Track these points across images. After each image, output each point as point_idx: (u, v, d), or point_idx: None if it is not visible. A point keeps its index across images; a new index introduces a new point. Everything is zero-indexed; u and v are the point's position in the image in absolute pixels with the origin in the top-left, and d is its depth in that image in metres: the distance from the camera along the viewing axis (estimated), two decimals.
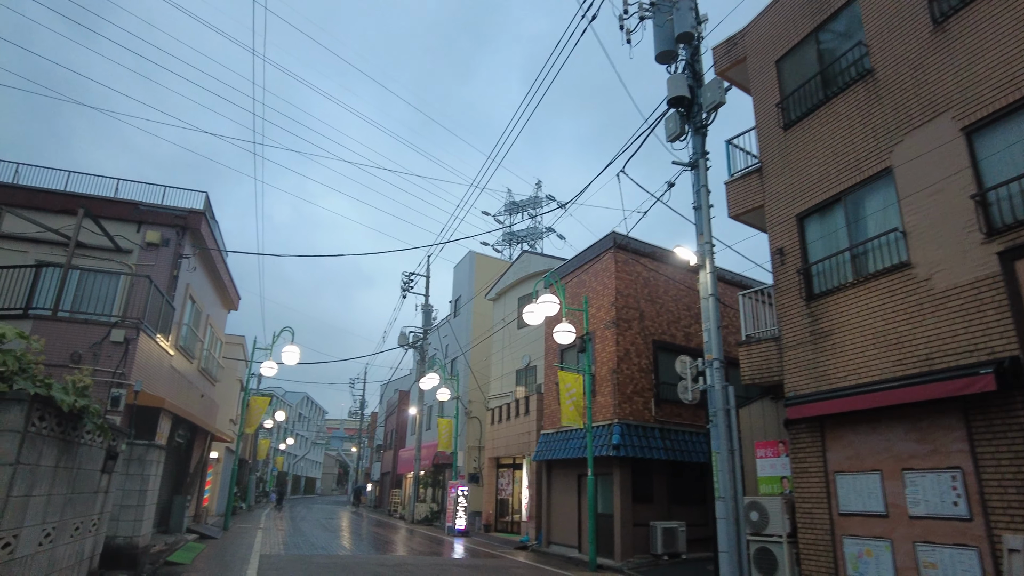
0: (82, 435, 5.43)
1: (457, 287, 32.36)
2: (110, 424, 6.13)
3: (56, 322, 11.05)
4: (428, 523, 27.22)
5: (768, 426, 10.69)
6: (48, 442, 4.67)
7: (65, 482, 5.17)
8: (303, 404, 77.14)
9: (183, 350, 15.05)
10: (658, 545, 14.23)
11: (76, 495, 5.50)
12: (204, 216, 14.67)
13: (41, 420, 4.49)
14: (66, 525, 5.35)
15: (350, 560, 12.72)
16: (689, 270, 17.46)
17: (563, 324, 13.86)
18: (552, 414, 17.67)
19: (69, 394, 4.66)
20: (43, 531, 4.84)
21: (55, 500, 5.00)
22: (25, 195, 13.89)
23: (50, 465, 4.77)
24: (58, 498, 5.05)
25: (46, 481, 4.74)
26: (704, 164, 10.55)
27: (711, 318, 9.66)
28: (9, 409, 4.17)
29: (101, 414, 5.49)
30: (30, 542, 4.60)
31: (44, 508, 4.77)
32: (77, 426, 5.18)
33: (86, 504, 5.83)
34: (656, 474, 15.30)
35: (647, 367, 15.66)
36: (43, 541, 4.86)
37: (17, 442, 4.17)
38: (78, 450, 5.38)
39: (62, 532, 5.27)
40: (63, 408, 4.56)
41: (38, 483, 4.58)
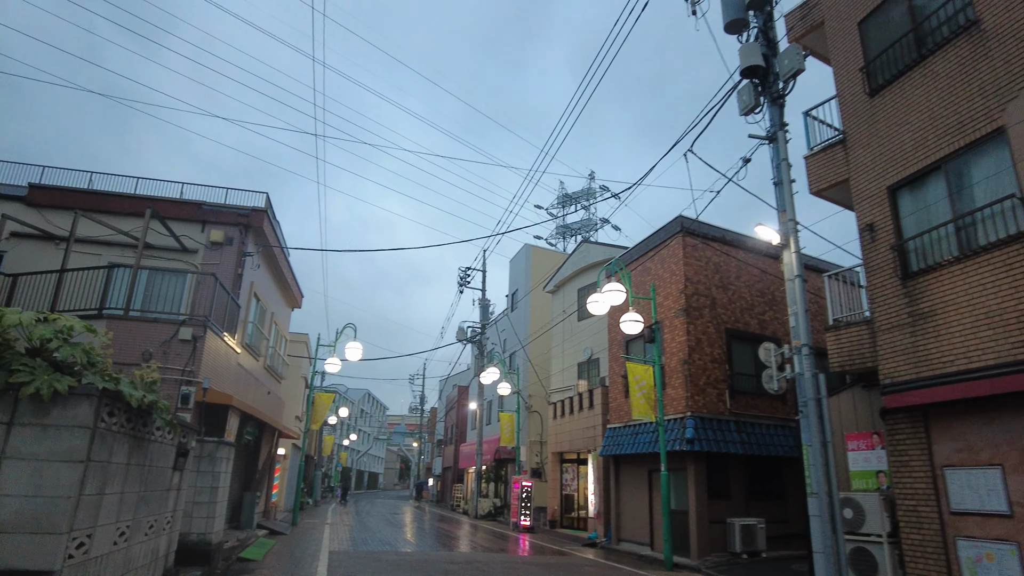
0: (152, 432, 5.28)
1: (513, 281, 32.06)
2: (179, 421, 6.00)
3: (127, 321, 11.21)
4: (491, 518, 27.04)
5: (860, 416, 9.94)
6: (119, 439, 4.51)
7: (137, 480, 5.03)
8: (365, 400, 78.51)
9: (249, 348, 15.19)
10: (736, 543, 13.57)
11: (149, 493, 5.37)
12: (266, 214, 14.74)
13: (111, 416, 4.33)
14: (140, 524, 5.22)
15: (419, 557, 12.55)
16: (762, 254, 16.63)
17: (630, 313, 13.32)
18: (618, 408, 17.14)
19: (137, 389, 4.48)
20: (117, 530, 4.70)
21: (128, 498, 4.85)
22: (97, 200, 14.25)
23: (121, 462, 4.61)
24: (131, 496, 4.91)
25: (118, 479, 4.58)
26: (783, 136, 9.88)
27: (798, 301, 9.00)
28: (78, 404, 4.00)
29: (170, 410, 5.33)
30: (104, 541, 4.45)
31: (117, 506, 4.63)
32: (147, 422, 5.03)
33: (159, 502, 5.71)
34: (732, 469, 14.62)
35: (720, 357, 14.96)
36: (118, 540, 4.72)
37: (87, 438, 4.01)
38: (149, 447, 5.24)
39: (136, 531, 5.14)
40: (132, 403, 4.39)
41: (110, 481, 4.42)
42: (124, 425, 4.60)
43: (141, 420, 4.92)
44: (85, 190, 14.47)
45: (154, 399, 4.75)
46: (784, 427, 15.39)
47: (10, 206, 13.74)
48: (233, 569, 9.63)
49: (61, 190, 14.34)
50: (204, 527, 8.80)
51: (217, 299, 12.24)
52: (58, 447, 3.89)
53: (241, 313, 14.25)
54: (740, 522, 13.70)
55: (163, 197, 14.41)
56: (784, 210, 9.58)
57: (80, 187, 14.60)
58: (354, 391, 70.72)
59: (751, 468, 14.92)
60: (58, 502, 3.81)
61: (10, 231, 13.76)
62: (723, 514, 14.03)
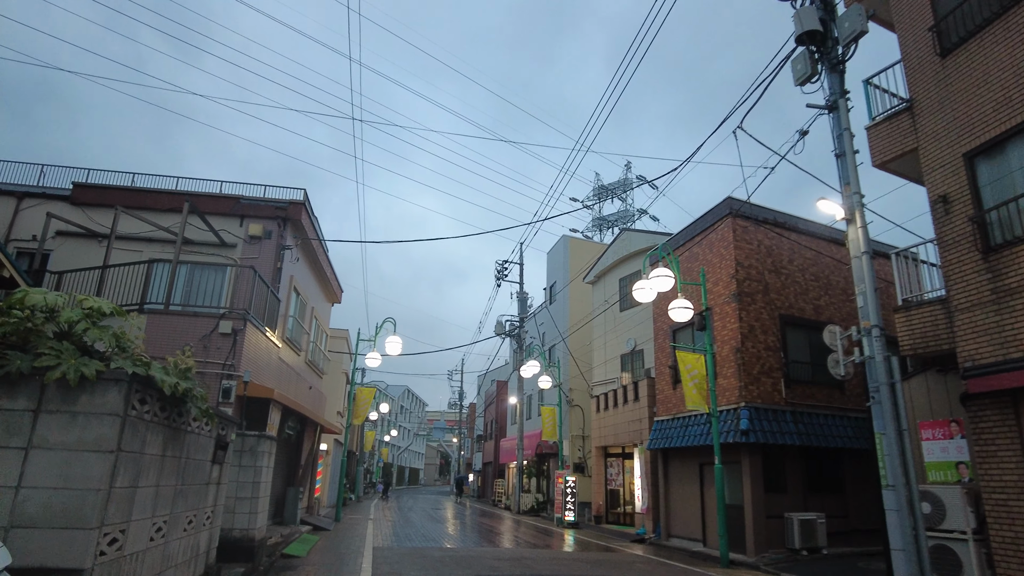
0: (188, 422, 5.02)
1: (551, 273, 31.59)
2: (217, 412, 5.74)
3: (168, 315, 11.14)
4: (534, 514, 26.68)
5: (935, 403, 9.24)
6: (152, 428, 4.23)
7: (173, 473, 4.76)
8: (404, 397, 78.99)
9: (290, 342, 15.08)
10: (795, 539, 12.92)
11: (187, 487, 5.11)
12: (304, 207, 14.59)
13: (142, 403, 4.05)
14: (178, 519, 4.96)
15: (464, 553, 12.23)
16: (816, 236, 15.86)
17: (679, 300, 12.76)
18: (666, 400, 16.57)
19: (170, 375, 4.19)
20: (153, 525, 4.43)
21: (164, 492, 4.59)
22: (137, 197, 14.27)
23: (156, 454, 4.34)
24: (167, 490, 4.65)
25: (152, 471, 4.31)
26: (845, 105, 9.24)
27: (866, 279, 8.37)
28: (107, 390, 3.73)
29: (206, 399, 5.05)
30: (140, 537, 4.18)
31: (152, 500, 4.36)
32: (182, 412, 4.76)
33: (198, 496, 5.46)
34: (788, 461, 13.94)
35: (774, 345, 14.28)
36: (154, 536, 4.46)
37: (117, 427, 3.73)
38: (185, 439, 4.98)
39: (174, 526, 4.88)
40: (165, 390, 4.10)
41: (144, 473, 4.15)
42: (157, 414, 4.32)
43: (176, 409, 4.65)
44: (126, 187, 14.53)
45: (189, 387, 4.46)
46: (843, 417, 14.64)
47: (55, 205, 13.86)
48: (277, 566, 9.44)
49: (103, 188, 14.41)
50: (246, 523, 8.60)
51: (257, 292, 12.11)
52: (87, 436, 3.62)
53: (281, 307, 14.12)
54: (798, 517, 13.05)
55: (201, 192, 14.37)
56: (848, 183, 8.96)
57: (122, 185, 14.67)
58: (394, 388, 71.16)
59: (808, 460, 14.21)
60: (87, 495, 3.54)
61: (56, 230, 13.88)
62: (780, 509, 13.38)
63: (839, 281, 15.99)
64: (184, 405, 4.63)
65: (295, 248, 14.99)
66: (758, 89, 10.10)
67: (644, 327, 20.10)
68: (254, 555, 8.59)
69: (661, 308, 17.15)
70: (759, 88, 10.13)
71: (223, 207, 14.13)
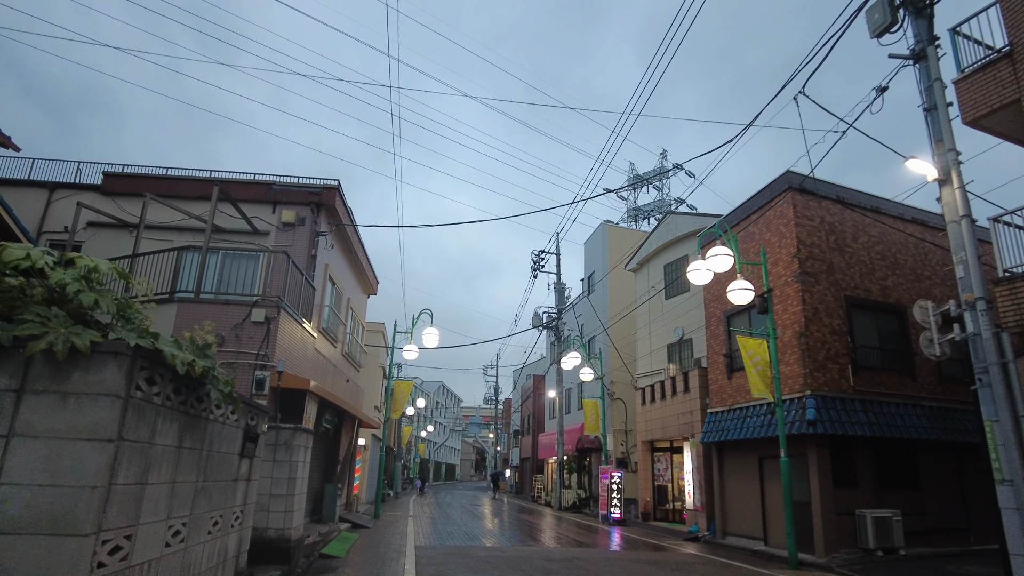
0: (210, 410, 4.36)
1: (589, 263, 30.69)
2: (245, 399, 5.08)
3: (198, 304, 10.63)
4: (576, 510, 25.89)
5: None
6: (164, 414, 3.57)
7: (193, 468, 4.11)
8: (440, 393, 78.83)
9: (326, 333, 14.53)
10: (868, 538, 11.90)
11: (210, 483, 4.46)
12: (337, 192, 14.01)
13: (150, 384, 3.38)
14: (201, 520, 4.31)
15: (512, 553, 11.50)
16: (882, 212, 14.72)
17: (738, 281, 11.81)
18: (720, 390, 15.61)
19: (183, 350, 3.52)
20: (169, 528, 3.78)
21: (182, 490, 3.93)
22: (168, 185, 13.88)
23: (170, 445, 3.68)
24: (186, 487, 3.99)
25: (166, 465, 3.65)
26: (935, 53, 8.23)
27: (967, 246, 7.38)
28: (105, 366, 3.06)
29: (232, 384, 4.38)
30: (152, 543, 3.52)
31: (167, 499, 3.70)
32: (201, 396, 4.09)
33: (224, 494, 4.81)
34: (858, 454, 12.90)
35: (840, 328, 13.23)
36: (171, 541, 3.80)
37: (118, 410, 3.06)
38: (207, 428, 4.32)
39: (196, 528, 4.22)
40: (178, 369, 3.43)
41: (155, 467, 3.48)
42: (171, 397, 3.65)
43: (194, 393, 3.98)
44: (156, 176, 14.15)
45: (208, 366, 3.78)
46: (915, 406, 13.51)
47: (86, 196, 13.53)
48: (315, 567, 8.83)
49: (134, 177, 14.06)
50: (282, 522, 8.00)
51: (291, 280, 11.54)
52: (80, 421, 2.95)
53: (316, 297, 13.57)
54: (872, 514, 12.02)
55: (233, 179, 13.89)
56: (941, 139, 7.97)
57: (152, 173, 14.29)
58: (429, 384, 70.99)
59: (879, 453, 13.14)
60: (80, 493, 2.87)
61: (87, 221, 13.55)
62: (850, 505, 12.36)
63: (907, 260, 14.83)
64: (203, 388, 3.96)
65: (329, 235, 14.42)
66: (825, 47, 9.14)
67: (693, 315, 19.12)
68: (290, 556, 7.99)
69: (714, 293, 16.18)
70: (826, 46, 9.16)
71: (255, 194, 13.64)
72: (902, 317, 14.29)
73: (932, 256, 15.25)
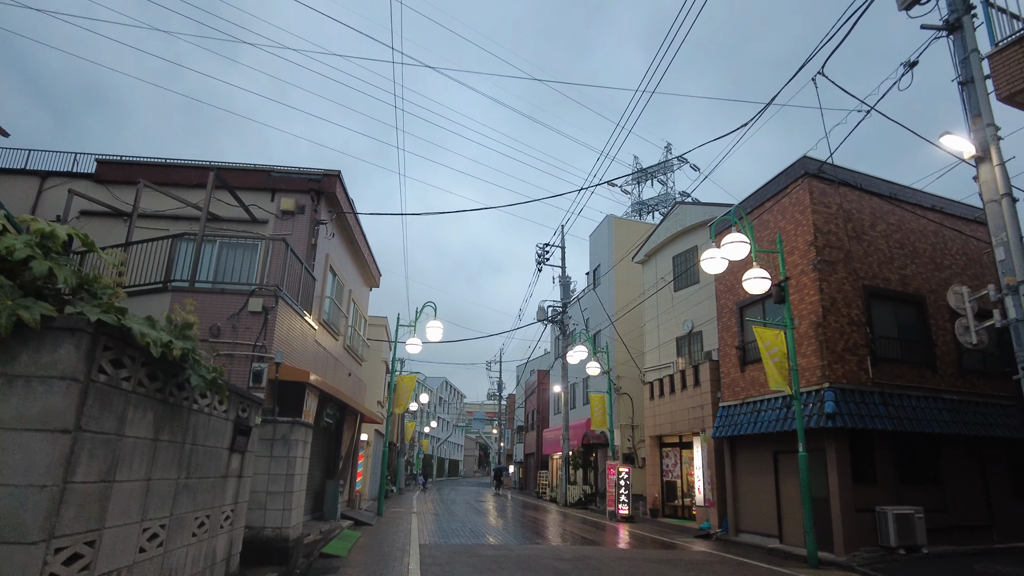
0: (194, 399, 3.93)
1: (595, 256, 30.21)
2: (234, 387, 4.65)
3: (193, 294, 10.19)
4: (582, 506, 25.49)
5: None
6: (136, 402, 3.13)
7: (174, 463, 3.67)
8: (442, 388, 78.52)
9: (327, 325, 14.11)
10: (890, 536, 11.46)
11: (195, 480, 4.03)
12: (338, 179, 13.56)
13: (118, 367, 2.95)
14: (183, 521, 3.88)
15: (520, 552, 11.08)
16: (899, 200, 14.24)
17: (755, 270, 11.35)
18: (733, 383, 15.16)
19: (157, 328, 3.08)
20: (145, 531, 3.34)
21: (160, 488, 3.50)
22: (163, 172, 13.44)
23: (144, 437, 3.25)
24: (164, 485, 3.56)
25: (140, 460, 3.22)
26: (971, 23, 7.75)
27: (1007, 226, 6.91)
28: (59, 345, 2.62)
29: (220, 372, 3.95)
30: (122, 549, 3.09)
31: (140, 499, 3.26)
32: (183, 383, 3.65)
33: (211, 492, 4.38)
34: (877, 448, 12.46)
35: (858, 319, 12.77)
36: (146, 546, 3.37)
37: (75, 397, 2.62)
38: (190, 419, 3.89)
39: (178, 531, 3.79)
40: (152, 351, 3.00)
41: (125, 462, 3.05)
42: (144, 383, 3.22)
43: (174, 379, 3.55)
44: (151, 163, 13.71)
45: (187, 348, 3.35)
46: (936, 399, 13.06)
47: (79, 184, 13.10)
48: (315, 568, 8.41)
49: (128, 165, 13.60)
50: (279, 520, 7.58)
51: (290, 269, 11.11)
52: (28, 409, 2.52)
53: (317, 287, 13.14)
54: (893, 511, 11.59)
55: (230, 166, 13.44)
56: (978, 114, 7.48)
57: (147, 160, 13.85)
58: (432, 379, 70.64)
59: (900, 448, 12.69)
60: (28, 494, 2.43)
61: (80, 210, 13.12)
62: (869, 501, 11.93)
63: (925, 248, 14.35)
64: (183, 373, 3.53)
65: (330, 223, 13.97)
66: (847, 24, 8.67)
67: (703, 307, 18.66)
68: (289, 557, 7.58)
69: (726, 283, 15.72)
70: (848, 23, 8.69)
71: (253, 181, 13.20)
72: (921, 307, 13.83)
73: (952, 245, 14.77)
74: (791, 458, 13.13)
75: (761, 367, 13.99)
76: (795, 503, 12.92)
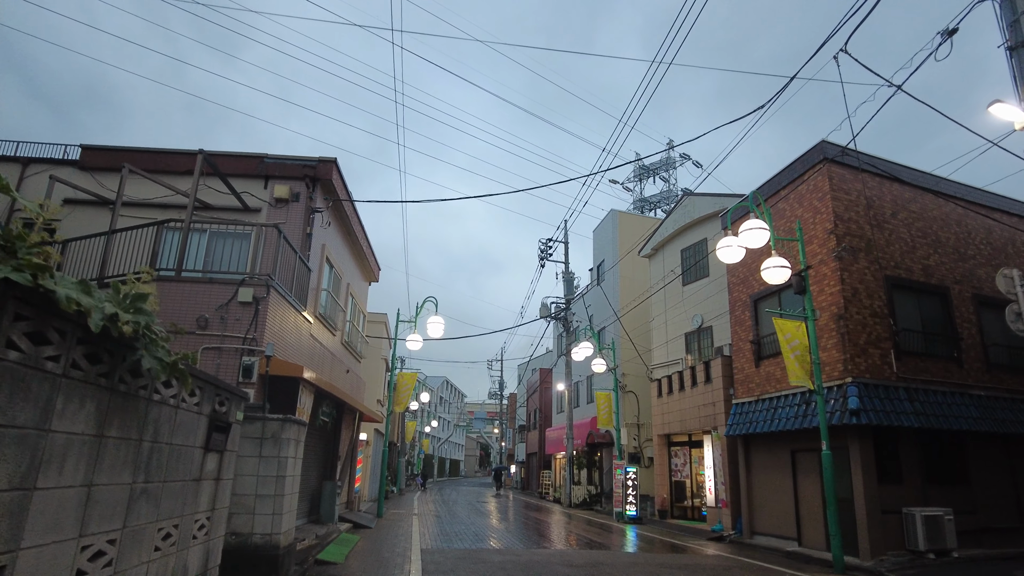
0: (155, 387, 3.31)
1: (599, 251, 29.61)
2: (206, 374, 4.03)
3: (180, 283, 9.59)
4: (587, 507, 24.89)
5: None
6: (69, 389, 2.51)
7: (127, 464, 3.05)
8: (443, 388, 77.90)
9: (324, 319, 13.48)
10: (918, 539, 10.85)
11: (157, 485, 3.40)
12: (334, 165, 12.93)
13: (39, 342, 2.33)
14: (141, 534, 3.26)
15: (528, 558, 10.45)
16: (921, 187, 13.62)
17: (774, 258, 10.73)
18: (747, 379, 14.54)
19: (95, 296, 2.46)
20: (84, 549, 2.72)
21: (106, 494, 2.87)
22: (151, 159, 12.81)
23: (82, 433, 2.62)
24: (113, 491, 2.93)
25: (76, 461, 2.59)
26: None
27: None
28: None
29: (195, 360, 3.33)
30: (49, 573, 2.46)
31: (78, 509, 2.64)
32: (139, 369, 3.03)
33: (180, 498, 3.75)
34: (903, 446, 11.85)
35: (881, 310, 12.16)
36: (86, 567, 2.73)
37: None
38: (150, 412, 3.26)
39: (133, 546, 3.17)
40: (90, 325, 2.38)
41: (51, 464, 2.42)
42: (81, 366, 2.59)
43: (125, 363, 2.93)
44: (138, 149, 13.08)
45: (138, 323, 2.73)
46: (963, 394, 12.46)
47: (62, 171, 12.48)
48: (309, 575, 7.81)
49: (114, 150, 12.98)
50: (269, 526, 6.96)
51: (283, 258, 10.50)
52: None
53: (313, 279, 12.52)
54: (922, 513, 10.97)
55: (221, 152, 12.81)
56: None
57: (134, 147, 13.23)
58: (433, 379, 70.01)
59: (926, 446, 12.08)
60: None
61: (64, 198, 12.51)
62: (895, 503, 11.32)
63: (948, 238, 13.74)
64: (133, 355, 2.90)
65: (326, 211, 13.35)
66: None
67: (713, 301, 18.05)
68: (279, 565, 6.95)
69: (739, 275, 15.10)
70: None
71: (246, 167, 12.57)
72: (945, 299, 13.22)
73: (975, 234, 14.16)
74: (810, 456, 12.53)
75: (777, 362, 13.40)
76: (814, 504, 12.32)
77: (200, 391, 3.98)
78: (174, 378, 3.25)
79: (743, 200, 12.04)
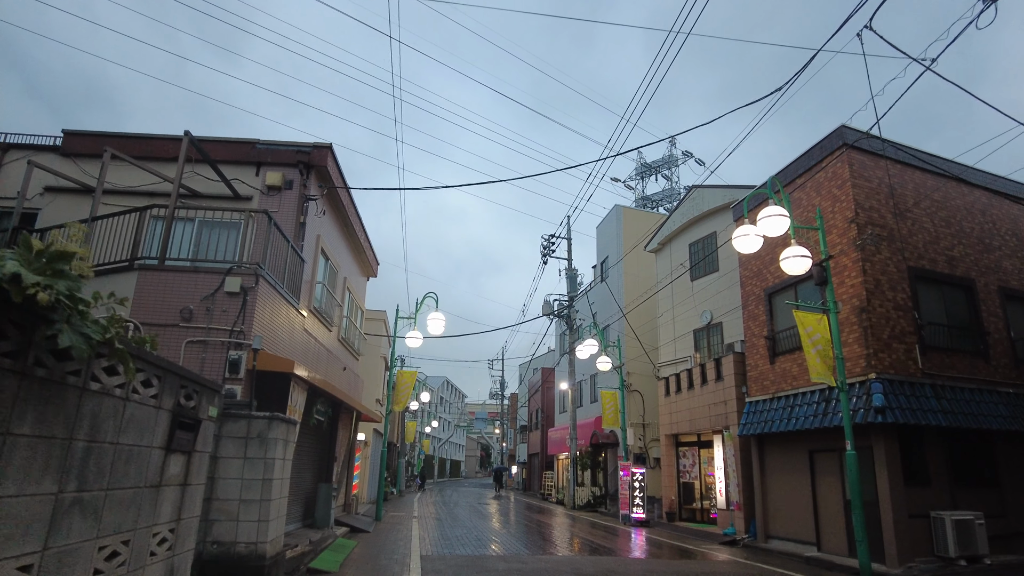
0: (95, 374, 2.69)
1: (602, 248, 29.02)
2: (160, 359, 3.41)
3: (164, 273, 8.97)
4: (591, 509, 24.26)
5: None
6: None
7: (48, 469, 2.42)
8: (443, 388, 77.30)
9: (319, 313, 12.86)
10: (949, 544, 10.25)
11: (97, 494, 2.79)
12: (330, 151, 12.32)
13: None
14: (73, 555, 2.63)
15: (535, 565, 9.81)
16: (944, 174, 13.01)
17: (794, 248, 10.09)
18: (761, 377, 13.92)
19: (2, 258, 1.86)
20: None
21: (16, 509, 2.26)
22: (136, 144, 12.20)
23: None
24: (25, 504, 2.32)
25: None
26: None
27: None
28: None
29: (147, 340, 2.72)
30: None
31: None
32: (68, 349, 2.42)
33: (131, 508, 3.14)
34: (929, 446, 11.25)
35: (904, 303, 11.56)
36: None
37: None
38: (85, 404, 2.64)
39: (58, 570, 2.56)
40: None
41: None
42: None
43: (45, 340, 2.32)
44: (123, 134, 12.48)
45: (59, 287, 2.12)
46: (991, 392, 11.86)
47: (43, 157, 11.87)
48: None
49: (97, 135, 12.36)
50: (255, 534, 6.34)
51: (274, 246, 9.89)
52: None
53: (307, 271, 11.90)
54: (952, 517, 10.37)
55: (211, 137, 12.19)
56: None
57: (119, 132, 12.63)
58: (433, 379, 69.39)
59: (952, 445, 11.48)
60: None
61: (45, 186, 11.92)
62: (922, 506, 10.73)
63: (973, 228, 13.14)
64: (49, 329, 2.30)
65: (321, 199, 12.73)
66: None
67: (723, 296, 17.43)
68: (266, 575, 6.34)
69: (752, 268, 14.49)
70: None
71: (236, 153, 11.97)
72: (971, 291, 12.62)
73: (1000, 224, 13.55)
74: (830, 457, 11.94)
75: (793, 358, 12.81)
76: (834, 507, 11.72)
77: (159, 380, 3.37)
78: (101, 356, 2.63)
79: (760, 187, 11.41)
